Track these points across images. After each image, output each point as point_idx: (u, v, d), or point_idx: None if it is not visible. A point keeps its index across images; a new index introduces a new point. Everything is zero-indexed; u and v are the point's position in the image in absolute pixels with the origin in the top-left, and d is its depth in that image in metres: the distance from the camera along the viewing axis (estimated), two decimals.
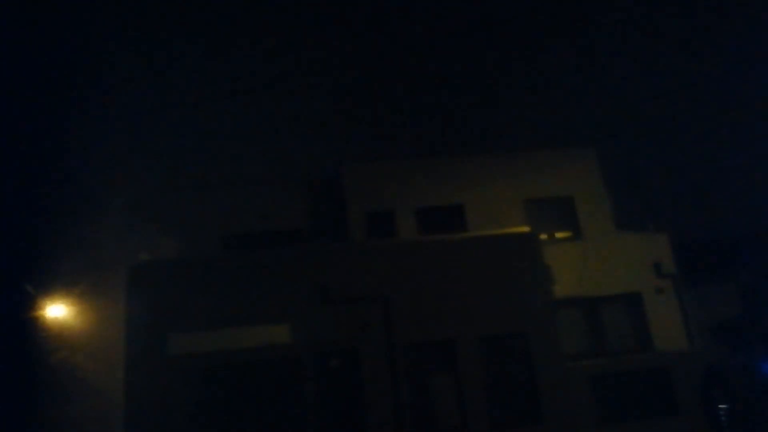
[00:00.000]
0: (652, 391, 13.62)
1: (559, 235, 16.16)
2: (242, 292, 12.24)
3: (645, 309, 14.98)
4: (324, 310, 12.31)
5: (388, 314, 12.43)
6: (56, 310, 15.27)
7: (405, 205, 16.22)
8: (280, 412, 11.73)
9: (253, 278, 12.47)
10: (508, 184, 16.46)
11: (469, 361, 12.33)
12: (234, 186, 17.12)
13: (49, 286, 15.32)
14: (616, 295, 15.12)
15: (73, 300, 15.38)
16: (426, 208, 16.27)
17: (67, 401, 14.71)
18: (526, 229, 13.93)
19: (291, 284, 12.47)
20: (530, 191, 16.45)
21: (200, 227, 15.75)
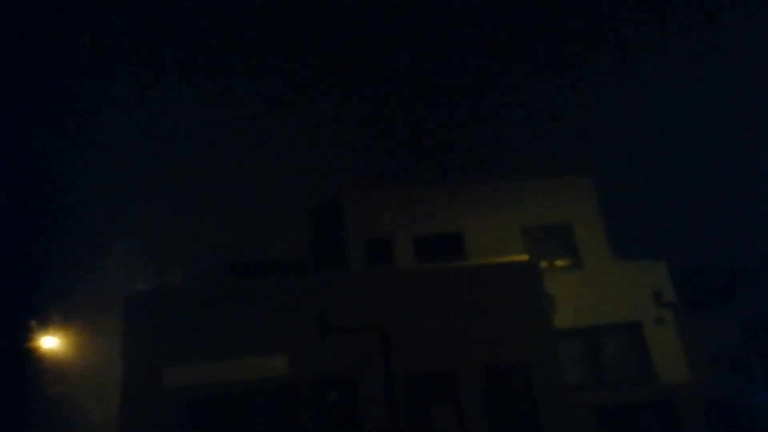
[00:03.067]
0: (656, 423, 13.44)
1: (558, 263, 16.09)
2: (240, 322, 12.11)
3: (646, 339, 14.84)
4: (322, 340, 12.16)
5: (387, 344, 12.27)
6: (51, 342, 15.08)
7: (403, 232, 16.18)
8: None
9: (251, 308, 12.34)
10: (507, 211, 16.44)
11: (469, 392, 12.14)
12: (233, 214, 17.08)
13: (45, 318, 15.16)
14: (616, 324, 15.00)
15: (69, 331, 15.20)
16: (425, 235, 16.22)
17: None
18: (526, 257, 13.86)
19: (289, 314, 12.34)
20: (529, 218, 16.43)
21: (199, 256, 15.67)
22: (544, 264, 15.05)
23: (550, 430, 11.93)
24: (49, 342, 14.98)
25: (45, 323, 15.04)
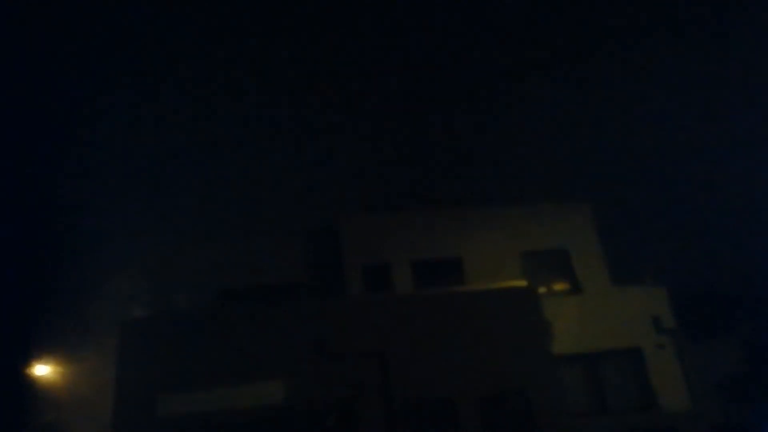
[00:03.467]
0: None
1: (557, 288, 16.03)
2: (236, 347, 11.96)
3: (647, 365, 14.71)
4: (319, 366, 12.02)
5: (386, 370, 12.13)
6: (43, 369, 14.85)
7: (401, 257, 16.12)
8: None
9: (247, 334, 12.22)
10: (505, 236, 16.45)
11: (469, 419, 11.96)
12: (230, 239, 17.02)
13: (38, 343, 14.95)
14: (616, 350, 14.88)
15: (61, 357, 14.98)
16: (423, 260, 16.17)
17: None
18: (524, 283, 13.81)
19: (286, 340, 12.22)
20: (527, 244, 16.43)
21: (196, 282, 15.55)
22: (542, 290, 14.99)
23: None
24: (42, 369, 14.76)
25: (38, 350, 14.84)
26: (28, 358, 14.74)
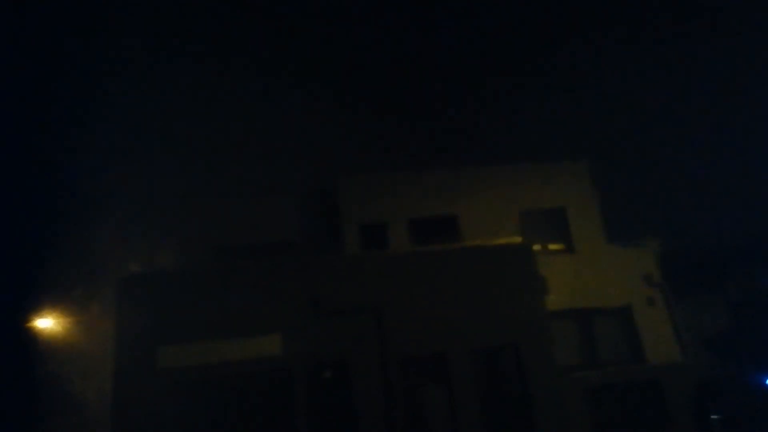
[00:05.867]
0: (645, 403, 13.61)
1: (551, 247, 16.18)
2: (234, 303, 12.12)
3: (636, 321, 15.00)
4: (316, 321, 12.20)
5: (381, 326, 12.32)
6: (45, 322, 15.09)
7: (398, 216, 16.22)
8: (271, 425, 11.59)
9: (245, 289, 12.35)
10: (502, 195, 16.51)
11: (461, 373, 12.23)
12: (227, 197, 17.07)
13: (39, 297, 15.15)
14: (608, 307, 15.13)
15: (62, 311, 15.21)
16: (419, 219, 16.26)
17: (54, 414, 14.50)
18: (519, 240, 13.92)
19: (283, 296, 12.35)
20: (524, 202, 16.50)
21: (193, 238, 15.67)
22: (537, 247, 15.13)
23: (541, 410, 12.06)
24: (44, 322, 15.00)
25: (40, 302, 15.04)
26: (30, 311, 14.96)
